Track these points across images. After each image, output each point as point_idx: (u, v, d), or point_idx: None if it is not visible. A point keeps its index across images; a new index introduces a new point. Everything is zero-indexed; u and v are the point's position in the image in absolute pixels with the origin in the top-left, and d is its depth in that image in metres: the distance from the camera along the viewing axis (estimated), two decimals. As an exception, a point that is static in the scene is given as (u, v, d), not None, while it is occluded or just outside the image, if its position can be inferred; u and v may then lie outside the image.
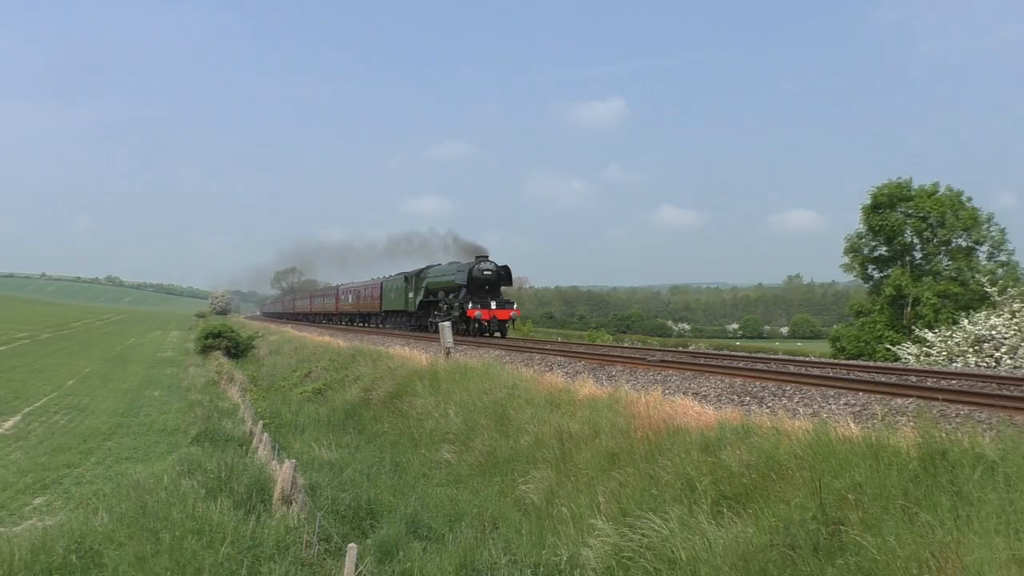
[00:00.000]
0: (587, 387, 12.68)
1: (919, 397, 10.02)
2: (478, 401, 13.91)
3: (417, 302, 38.70)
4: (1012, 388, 11.13)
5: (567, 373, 15.80)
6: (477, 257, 34.02)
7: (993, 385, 11.58)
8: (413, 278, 40.39)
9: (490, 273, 32.95)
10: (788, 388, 11.66)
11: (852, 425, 7.80)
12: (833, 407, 10.00)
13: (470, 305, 31.50)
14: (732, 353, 23.11)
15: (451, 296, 34.19)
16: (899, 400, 10.02)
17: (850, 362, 21.24)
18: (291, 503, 8.93)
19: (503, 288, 33.76)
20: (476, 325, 31.37)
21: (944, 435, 6.44)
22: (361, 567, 7.13)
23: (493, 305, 31.76)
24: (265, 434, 13.20)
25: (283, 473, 9.22)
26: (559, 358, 18.99)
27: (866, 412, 9.39)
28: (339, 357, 26.69)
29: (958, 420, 8.41)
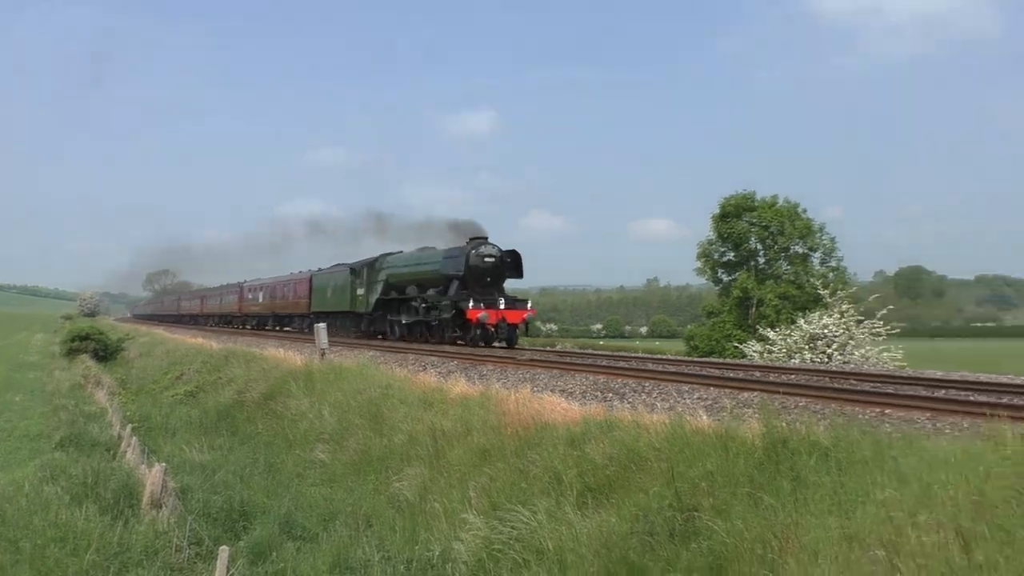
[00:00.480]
0: (459, 386, 12.92)
1: (763, 391, 10.70)
2: (352, 401, 13.88)
3: (373, 301, 29.79)
4: (841, 381, 12.18)
5: (440, 372, 15.99)
6: (472, 239, 24.91)
7: (826, 379, 12.63)
8: (363, 270, 31.10)
9: (493, 260, 24.28)
10: (648, 384, 12.23)
11: (705, 418, 8.20)
12: (688, 401, 10.58)
13: (471, 304, 22.62)
14: (596, 352, 23.97)
15: (434, 292, 25.51)
16: (746, 394, 10.72)
17: (703, 359, 22.50)
18: (161, 507, 8.74)
19: (506, 283, 25.34)
20: (478, 331, 22.68)
21: (785, 425, 6.86)
22: (233, 569, 7.11)
23: (501, 304, 23.17)
24: (134, 438, 12.74)
25: (152, 477, 9.01)
26: (432, 358, 19.16)
27: (717, 405, 10.00)
28: (212, 359, 25.80)
29: (797, 411, 8.95)
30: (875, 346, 23.82)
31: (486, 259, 24.22)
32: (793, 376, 13.25)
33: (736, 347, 34.12)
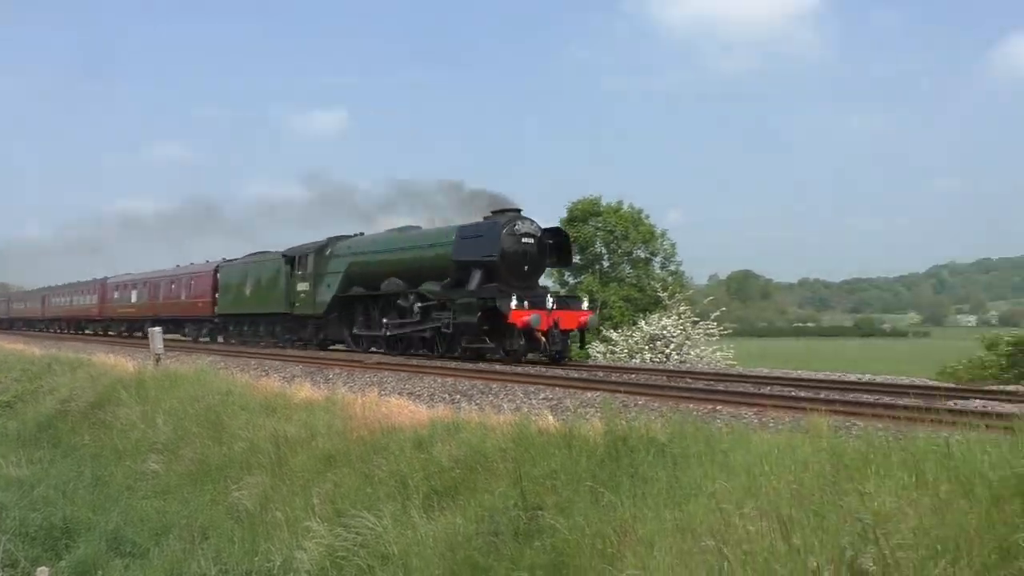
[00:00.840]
0: (304, 390, 12.65)
1: (606, 390, 11.02)
2: (189, 408, 13.26)
3: (326, 299, 22.19)
4: (678, 380, 12.77)
5: (284, 377, 15.60)
6: (499, 212, 18.09)
7: (664, 378, 13.19)
8: (307, 259, 23.41)
9: (532, 242, 17.64)
10: (495, 386, 12.36)
11: (550, 418, 8.37)
12: (534, 402, 10.74)
13: (513, 302, 16.05)
14: (446, 354, 23.92)
15: (438, 286, 18.16)
16: (589, 394, 11.01)
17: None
18: (-31, 528, 8.05)
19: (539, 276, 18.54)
20: (522, 341, 16.32)
21: (625, 424, 7.11)
22: (53, 591, 6.67)
23: (550, 303, 16.93)
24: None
25: (-42, 496, 8.27)
26: (276, 362, 18.66)
27: (561, 406, 10.21)
28: (32, 366, 23.86)
29: (637, 409, 9.21)
30: (709, 346, 25.09)
31: (523, 240, 17.44)
32: (634, 375, 13.75)
33: (581, 348, 35.02)
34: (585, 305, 17.89)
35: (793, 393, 10.53)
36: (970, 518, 3.96)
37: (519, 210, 18.12)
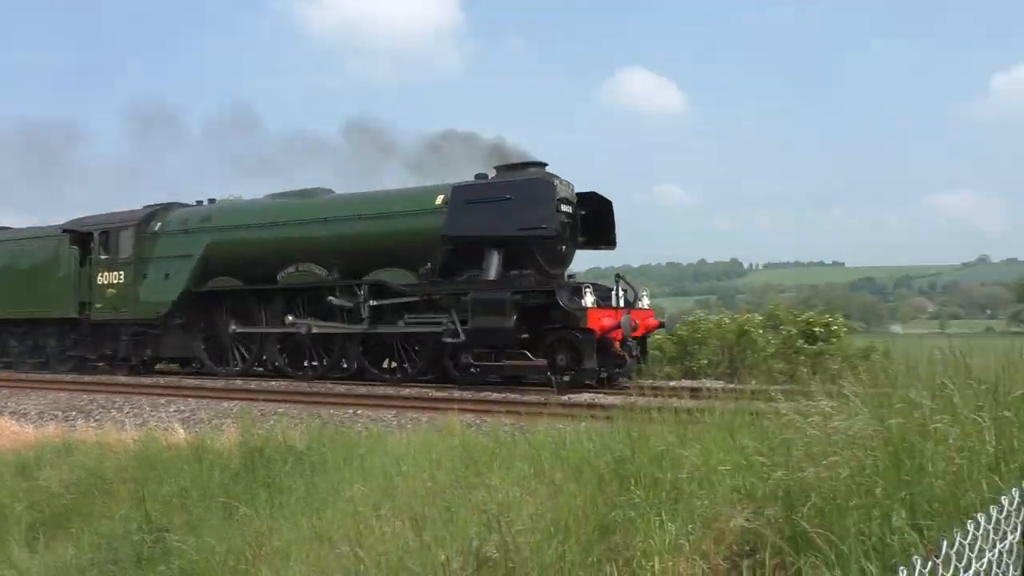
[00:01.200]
0: None
1: (244, 399, 10.80)
2: None
3: (170, 298, 14.78)
4: (319, 386, 12.58)
5: None
6: (508, 168, 12.27)
7: (305, 385, 12.97)
8: (120, 236, 15.88)
9: (569, 212, 12.12)
10: (118, 399, 11.59)
11: (181, 432, 8.09)
12: (163, 415, 10.22)
13: (588, 297, 10.96)
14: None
15: (407, 274, 12.53)
16: (227, 404, 10.66)
17: (183, 370, 21.36)
18: None
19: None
20: (592, 361, 10.65)
21: (262, 433, 7.01)
22: None
23: (622, 299, 11.80)
24: None
25: None
26: None
27: (195, 418, 9.78)
28: None
29: (276, 418, 9.17)
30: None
31: (562, 208, 11.89)
32: (274, 383, 13.37)
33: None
34: (646, 302, 12.57)
35: (430, 394, 10.98)
36: (578, 500, 4.40)
37: (545, 164, 12.34)
